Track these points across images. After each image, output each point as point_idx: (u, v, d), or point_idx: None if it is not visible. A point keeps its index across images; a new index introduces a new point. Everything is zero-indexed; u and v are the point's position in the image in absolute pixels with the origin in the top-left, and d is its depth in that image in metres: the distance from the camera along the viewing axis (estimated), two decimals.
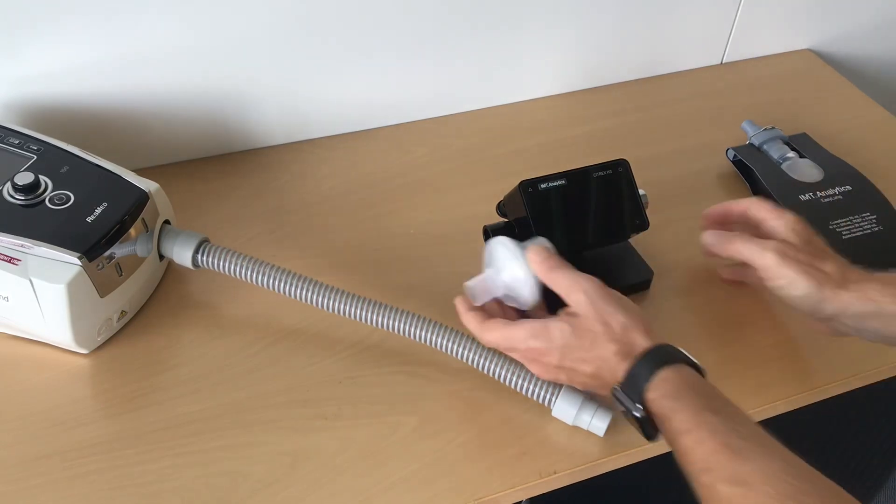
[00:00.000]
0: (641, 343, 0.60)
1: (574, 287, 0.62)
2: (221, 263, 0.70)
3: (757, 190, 0.88)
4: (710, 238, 0.72)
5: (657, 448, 0.66)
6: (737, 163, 0.91)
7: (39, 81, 0.79)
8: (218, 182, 0.88)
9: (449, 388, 0.69)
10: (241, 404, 0.67)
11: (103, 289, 0.67)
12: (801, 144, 0.92)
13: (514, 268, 0.65)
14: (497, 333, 0.64)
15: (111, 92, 0.83)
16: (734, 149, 0.92)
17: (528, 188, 0.71)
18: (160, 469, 0.62)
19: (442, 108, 0.99)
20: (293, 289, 0.68)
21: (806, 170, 0.88)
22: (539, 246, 0.66)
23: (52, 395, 0.67)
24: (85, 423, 0.65)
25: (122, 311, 0.71)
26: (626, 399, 0.59)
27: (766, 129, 0.92)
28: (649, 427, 0.58)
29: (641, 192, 0.75)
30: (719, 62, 1.11)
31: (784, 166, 0.88)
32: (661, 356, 0.59)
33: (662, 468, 0.59)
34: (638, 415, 0.58)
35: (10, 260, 0.64)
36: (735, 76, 1.09)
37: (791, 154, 0.90)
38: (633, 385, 0.58)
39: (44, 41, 0.77)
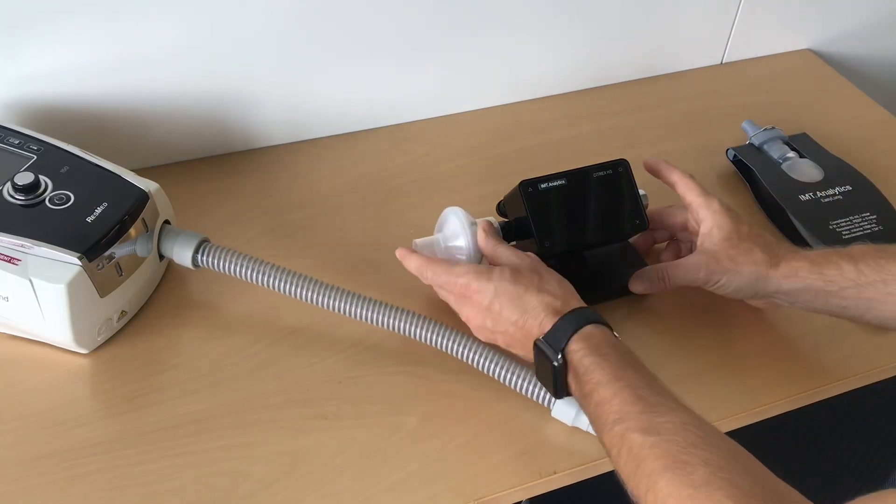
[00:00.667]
0: (571, 303, 0.63)
1: (518, 254, 0.67)
2: (221, 263, 0.70)
3: (757, 190, 0.88)
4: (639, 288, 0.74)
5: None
6: (737, 163, 0.91)
7: (39, 81, 0.79)
8: (218, 182, 0.88)
9: (449, 388, 0.69)
10: (241, 404, 0.67)
11: (103, 289, 0.67)
12: (801, 144, 0.92)
13: (459, 238, 0.71)
14: (440, 268, 0.67)
15: (111, 92, 0.83)
16: (734, 149, 0.92)
17: (528, 188, 0.71)
18: (160, 469, 0.62)
19: (442, 108, 0.99)
20: (293, 288, 0.68)
21: (806, 170, 0.88)
22: (487, 221, 0.71)
23: (52, 395, 0.67)
24: (85, 423, 0.65)
25: (122, 311, 0.70)
26: (548, 347, 0.60)
27: (766, 129, 0.92)
28: (561, 380, 0.60)
29: (641, 192, 0.75)
30: (719, 62, 1.11)
31: (784, 166, 0.88)
32: (586, 315, 0.61)
33: None
34: (556, 363, 0.59)
35: (10, 260, 0.64)
36: (735, 76, 1.09)
37: (791, 154, 0.90)
38: (557, 336, 0.60)
39: (44, 41, 0.77)
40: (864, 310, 0.66)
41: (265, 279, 0.69)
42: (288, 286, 0.68)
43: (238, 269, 0.69)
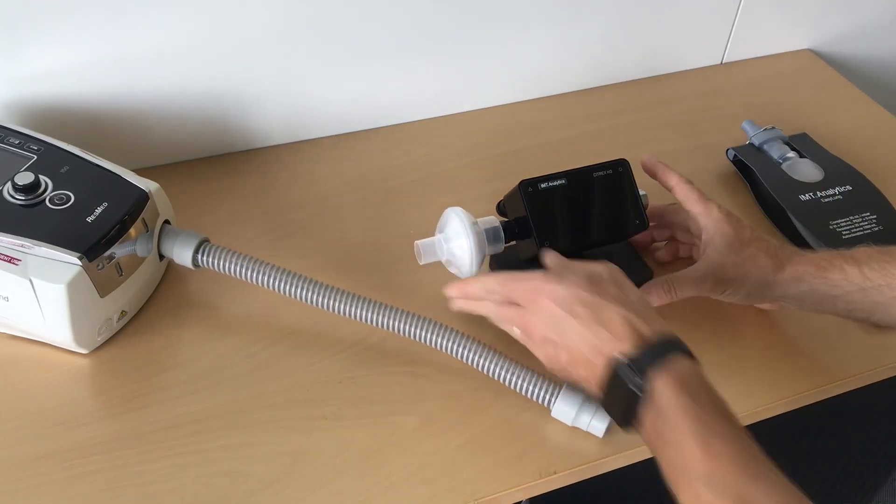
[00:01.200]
0: (655, 325, 0.56)
1: (594, 262, 0.62)
2: (221, 263, 0.70)
3: (757, 190, 0.88)
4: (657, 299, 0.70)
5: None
6: (737, 163, 0.91)
7: (39, 81, 0.79)
8: (218, 182, 0.88)
9: (449, 388, 0.69)
10: (241, 404, 0.67)
11: (103, 289, 0.67)
12: (802, 144, 0.92)
13: (460, 238, 0.69)
14: (503, 276, 0.63)
15: (111, 92, 0.83)
16: (734, 149, 0.92)
17: (528, 188, 0.71)
18: (160, 469, 0.62)
19: (442, 108, 0.99)
20: (293, 288, 0.68)
21: (806, 170, 0.88)
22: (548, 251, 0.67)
23: (52, 395, 0.67)
24: (85, 423, 0.65)
25: (122, 311, 0.70)
26: (630, 374, 0.54)
27: (766, 129, 0.92)
28: (633, 411, 0.54)
29: (642, 192, 0.75)
30: (719, 62, 1.11)
31: (784, 166, 0.88)
32: (676, 343, 0.55)
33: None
34: (640, 393, 0.53)
35: (10, 260, 0.64)
36: (735, 76, 1.09)
37: (791, 154, 0.90)
38: (643, 362, 0.54)
39: (44, 41, 0.77)
40: (869, 312, 0.65)
41: (265, 279, 0.69)
42: (287, 286, 0.68)
43: (238, 269, 0.69)
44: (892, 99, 1.13)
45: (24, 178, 0.66)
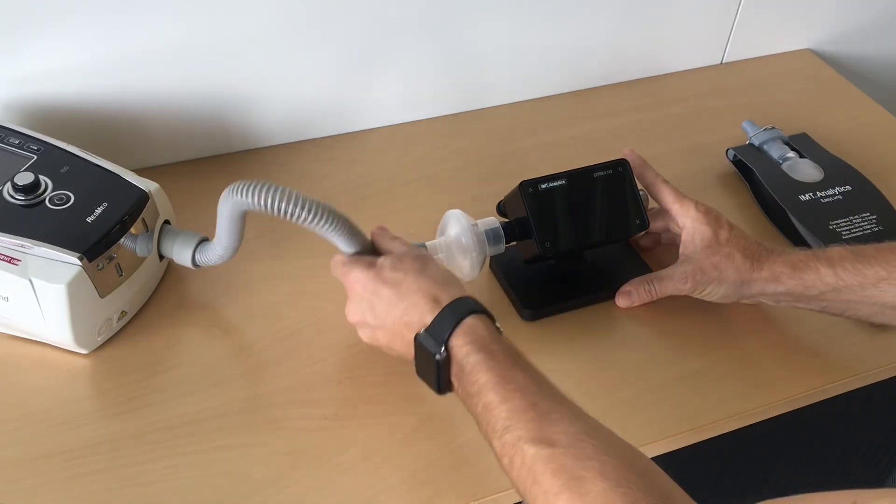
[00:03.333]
0: (453, 291, 0.60)
1: (408, 244, 0.66)
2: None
3: (757, 190, 0.88)
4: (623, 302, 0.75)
5: (658, 448, 0.66)
6: (737, 163, 0.91)
7: (39, 81, 0.79)
8: (218, 182, 0.87)
9: None
10: (241, 404, 0.67)
11: (103, 289, 0.67)
12: (801, 144, 0.92)
13: (461, 242, 0.70)
14: (335, 262, 0.65)
15: (111, 92, 0.83)
16: (734, 149, 0.92)
17: (528, 188, 0.71)
18: (160, 469, 0.62)
19: (442, 108, 0.99)
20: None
21: (806, 170, 0.88)
22: (379, 226, 0.68)
23: (52, 395, 0.67)
24: (85, 423, 0.65)
25: (122, 312, 0.70)
26: (429, 340, 0.57)
27: (766, 129, 0.92)
28: (445, 376, 0.57)
29: (642, 191, 0.75)
30: (719, 62, 1.11)
31: (784, 166, 0.88)
32: (469, 305, 0.58)
33: (662, 469, 0.59)
34: (438, 357, 0.56)
35: (10, 260, 0.64)
36: (735, 76, 1.09)
37: (791, 154, 0.90)
38: (439, 329, 0.57)
39: (44, 41, 0.77)
40: (842, 310, 0.68)
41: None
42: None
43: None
44: (892, 99, 1.13)
45: (24, 178, 0.66)
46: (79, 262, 0.64)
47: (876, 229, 0.82)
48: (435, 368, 0.57)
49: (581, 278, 0.76)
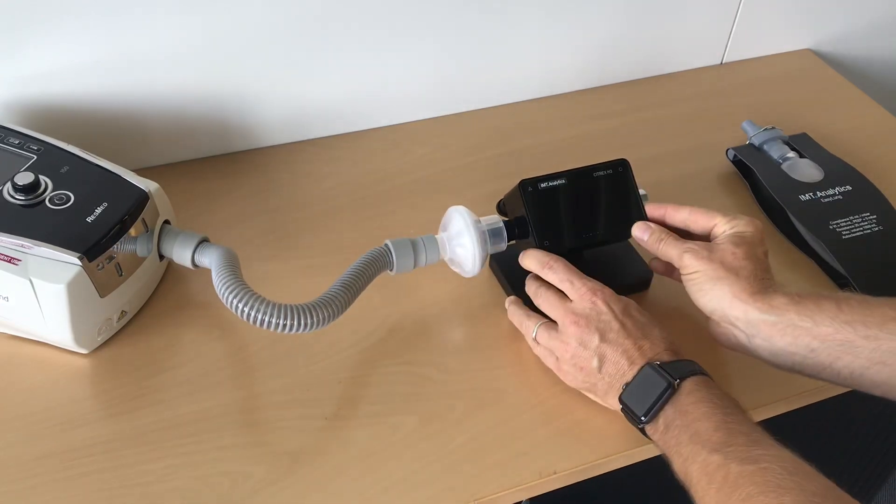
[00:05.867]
0: (683, 352, 0.63)
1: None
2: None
3: (757, 190, 0.88)
4: (639, 232, 0.71)
5: (657, 448, 0.66)
6: (737, 163, 0.91)
7: (39, 81, 0.79)
8: (218, 182, 0.88)
9: (449, 388, 0.69)
10: (241, 404, 0.67)
11: (103, 289, 0.67)
12: (801, 144, 0.92)
13: (463, 237, 0.70)
14: (562, 264, 0.67)
15: (111, 92, 0.83)
16: (734, 149, 0.92)
17: (528, 187, 0.71)
18: (160, 469, 0.62)
19: (442, 108, 0.99)
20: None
21: (806, 170, 0.88)
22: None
23: (52, 395, 0.67)
24: (85, 423, 0.65)
25: (122, 311, 0.70)
26: (665, 371, 0.59)
27: (766, 129, 0.92)
28: (662, 403, 0.59)
29: (642, 191, 0.75)
30: (719, 62, 1.11)
31: (784, 166, 0.88)
32: (699, 366, 0.61)
33: (662, 468, 0.59)
34: (674, 384, 0.58)
35: (10, 260, 0.64)
36: (735, 76, 1.09)
37: (791, 154, 0.90)
38: (677, 367, 0.60)
39: (44, 41, 0.77)
40: (834, 356, 0.60)
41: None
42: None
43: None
44: (892, 99, 1.13)
45: (24, 178, 0.66)
46: (79, 262, 0.64)
47: (876, 229, 0.82)
48: (660, 394, 0.59)
49: None
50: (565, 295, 0.67)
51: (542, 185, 0.71)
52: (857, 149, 0.94)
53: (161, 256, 0.73)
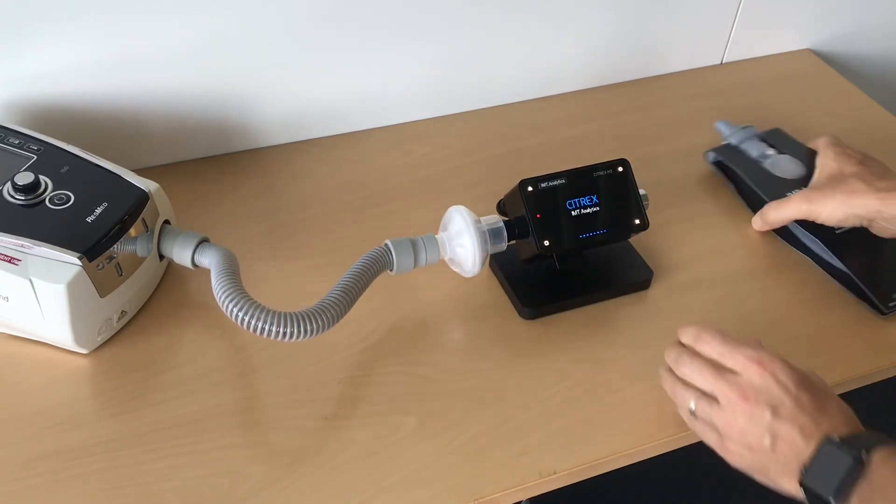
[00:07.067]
0: (852, 420, 0.58)
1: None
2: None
3: (741, 191, 0.87)
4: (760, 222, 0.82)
5: (657, 448, 0.66)
6: (718, 164, 0.90)
7: (39, 81, 0.79)
8: (218, 182, 0.88)
9: (449, 388, 0.69)
10: (241, 404, 0.67)
11: (103, 289, 0.67)
12: (777, 140, 0.90)
13: (463, 236, 0.70)
14: (725, 337, 0.61)
15: (111, 92, 0.83)
16: (713, 150, 0.90)
17: (527, 187, 0.71)
18: (160, 469, 0.62)
19: (442, 108, 0.99)
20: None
21: (788, 166, 0.87)
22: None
23: (52, 395, 0.67)
24: (85, 423, 0.65)
25: (122, 311, 0.71)
26: (847, 446, 0.54)
27: (741, 127, 0.91)
28: (851, 480, 0.53)
29: (642, 191, 0.75)
30: (719, 62, 1.11)
31: (766, 164, 0.87)
32: (882, 435, 0.56)
33: (662, 468, 0.59)
34: (861, 458, 0.53)
35: (10, 260, 0.64)
36: (735, 76, 1.09)
37: (770, 151, 0.88)
38: (860, 439, 0.54)
39: (44, 41, 0.77)
40: None
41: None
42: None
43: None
44: (892, 99, 1.13)
45: (24, 178, 0.66)
46: (79, 262, 0.64)
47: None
48: (846, 471, 0.53)
49: (581, 277, 0.76)
50: (717, 364, 0.61)
51: (542, 185, 0.71)
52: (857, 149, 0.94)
53: (161, 256, 0.73)
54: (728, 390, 0.59)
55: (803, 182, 0.85)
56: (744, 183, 0.87)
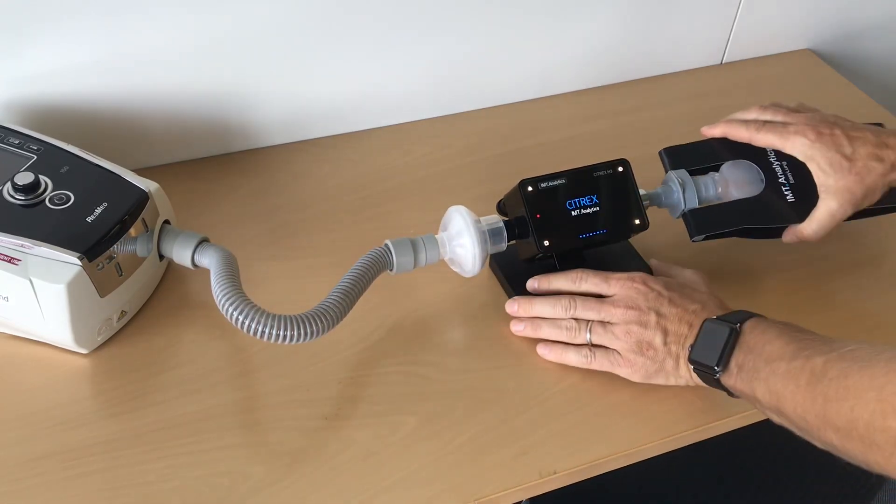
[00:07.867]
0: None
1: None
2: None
3: (749, 233, 0.78)
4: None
5: (657, 448, 0.66)
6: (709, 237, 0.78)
7: (39, 81, 0.79)
8: (218, 182, 0.88)
9: (449, 388, 0.69)
10: (241, 404, 0.67)
11: (103, 289, 0.67)
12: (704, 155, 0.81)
13: (463, 236, 0.70)
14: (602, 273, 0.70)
15: (111, 92, 0.83)
16: (696, 235, 0.76)
17: (527, 187, 0.71)
18: (160, 469, 0.62)
19: (442, 108, 0.99)
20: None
21: (737, 178, 0.77)
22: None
23: (52, 395, 0.67)
24: (85, 423, 0.65)
25: (122, 311, 0.70)
26: (725, 320, 0.62)
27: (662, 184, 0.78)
28: (730, 348, 0.61)
29: (642, 191, 0.75)
30: (719, 62, 1.11)
31: (730, 193, 0.76)
32: (751, 312, 0.63)
33: (662, 468, 0.59)
34: (736, 327, 0.61)
35: (10, 260, 0.64)
36: (735, 76, 1.09)
37: (713, 179, 0.77)
38: (734, 315, 0.63)
39: (45, 41, 0.77)
40: None
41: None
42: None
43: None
44: (893, 99, 1.13)
45: (24, 178, 0.66)
46: (79, 262, 0.64)
47: None
48: (726, 339, 0.61)
49: None
50: (599, 297, 0.69)
51: (542, 184, 0.71)
52: None
53: (161, 256, 0.73)
54: (616, 309, 0.67)
55: (770, 175, 0.77)
56: (743, 231, 0.77)
